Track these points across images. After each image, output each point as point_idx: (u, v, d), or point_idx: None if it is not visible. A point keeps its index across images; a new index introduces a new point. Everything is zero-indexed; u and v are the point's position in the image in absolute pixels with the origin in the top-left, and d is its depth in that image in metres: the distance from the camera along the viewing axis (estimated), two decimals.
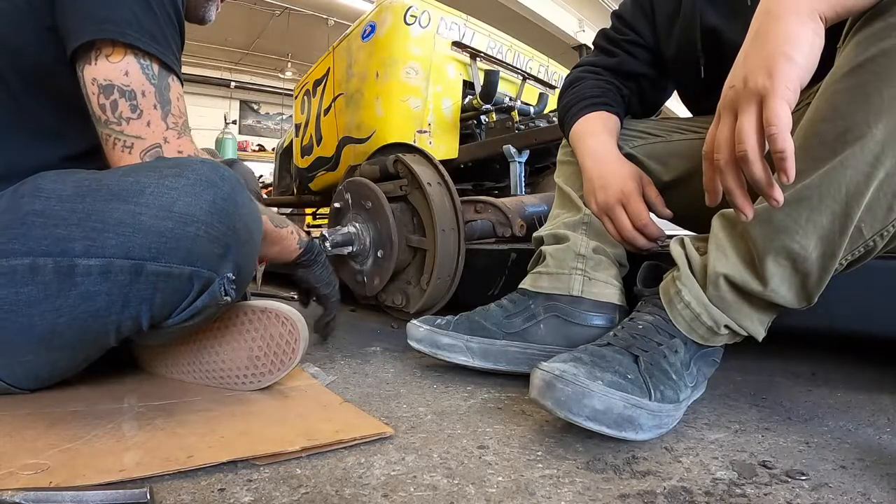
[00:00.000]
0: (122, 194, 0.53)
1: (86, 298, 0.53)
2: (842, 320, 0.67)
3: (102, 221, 0.53)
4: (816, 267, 0.52)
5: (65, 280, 0.52)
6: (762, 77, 0.43)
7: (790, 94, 0.42)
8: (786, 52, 0.43)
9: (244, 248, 0.60)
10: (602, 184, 0.73)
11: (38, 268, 0.52)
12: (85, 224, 0.53)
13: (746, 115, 0.44)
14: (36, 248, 0.52)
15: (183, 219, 0.54)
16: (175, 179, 0.55)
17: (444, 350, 0.75)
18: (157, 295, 0.55)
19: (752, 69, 0.44)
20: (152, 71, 0.60)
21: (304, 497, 0.41)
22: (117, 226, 0.52)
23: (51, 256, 0.52)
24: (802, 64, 0.43)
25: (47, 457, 0.45)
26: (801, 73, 0.43)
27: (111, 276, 0.53)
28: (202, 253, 0.55)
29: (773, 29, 0.44)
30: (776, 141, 0.42)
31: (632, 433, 0.50)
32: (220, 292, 0.58)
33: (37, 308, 0.53)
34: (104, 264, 0.52)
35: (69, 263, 0.52)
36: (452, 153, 1.77)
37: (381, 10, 1.69)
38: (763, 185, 0.45)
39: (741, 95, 0.45)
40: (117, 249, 0.52)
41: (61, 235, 0.52)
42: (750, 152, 0.44)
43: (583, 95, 0.84)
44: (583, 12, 6.19)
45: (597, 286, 0.73)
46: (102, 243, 0.52)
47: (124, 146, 0.60)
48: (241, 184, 0.60)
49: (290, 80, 8.12)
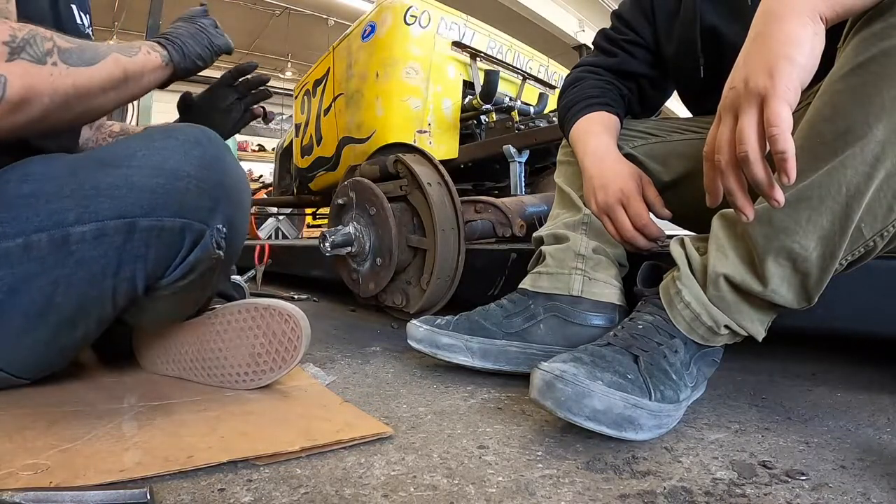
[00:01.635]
0: (114, 161, 0.55)
1: (81, 265, 0.54)
2: (842, 320, 0.67)
3: (95, 188, 0.54)
4: (816, 267, 0.52)
5: (60, 250, 0.53)
6: (763, 78, 0.43)
7: (791, 95, 0.42)
8: (787, 54, 0.43)
9: (234, 203, 0.61)
10: (602, 183, 0.73)
11: (33, 244, 0.53)
12: (77, 194, 0.53)
13: (747, 116, 0.44)
14: (27, 227, 0.53)
15: (174, 174, 0.55)
16: (165, 141, 0.56)
17: (443, 350, 0.75)
18: (151, 251, 0.56)
19: (752, 70, 0.44)
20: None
21: (304, 497, 0.41)
22: (109, 189, 0.53)
23: (45, 231, 0.53)
24: (803, 65, 0.43)
25: (47, 457, 0.45)
26: (801, 73, 0.43)
27: (106, 239, 0.54)
28: (193, 205, 0.57)
29: (773, 30, 0.45)
30: (777, 142, 0.42)
31: (632, 433, 0.50)
32: (212, 245, 0.59)
33: (34, 283, 0.54)
34: (98, 228, 0.53)
35: (63, 234, 0.53)
36: (452, 153, 1.77)
37: (381, 10, 1.69)
38: (764, 185, 0.45)
39: (742, 96, 0.45)
40: (110, 211, 0.53)
41: (54, 209, 0.53)
42: (751, 153, 0.44)
43: (583, 95, 0.84)
44: (583, 12, 6.19)
45: (597, 286, 0.73)
46: (96, 208, 0.53)
47: None
48: (229, 149, 0.62)
49: (290, 80, 8.11)
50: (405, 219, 1.13)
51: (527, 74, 1.98)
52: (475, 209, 1.23)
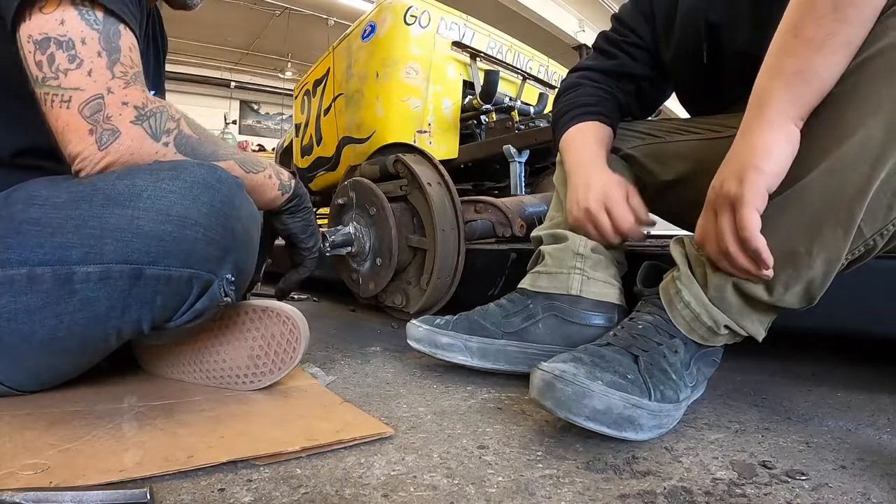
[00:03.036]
0: (119, 199, 0.53)
1: (86, 304, 0.53)
2: (842, 320, 0.67)
3: (100, 227, 0.52)
4: (821, 270, 0.51)
5: (64, 287, 0.52)
6: (735, 185, 0.50)
7: (759, 201, 0.49)
8: (756, 165, 0.49)
9: (243, 249, 0.60)
10: (584, 193, 0.74)
11: (36, 277, 0.52)
12: (82, 231, 0.52)
13: (724, 218, 0.52)
14: (32, 257, 0.52)
15: (181, 222, 0.53)
16: (172, 182, 0.54)
17: (442, 349, 0.75)
18: (157, 298, 0.55)
19: (727, 176, 0.52)
20: (94, 16, 0.54)
21: (304, 497, 0.41)
22: (115, 231, 0.52)
23: (48, 265, 0.52)
24: (771, 172, 0.49)
25: (47, 457, 0.45)
26: (769, 180, 0.49)
27: (110, 282, 0.52)
28: (201, 255, 0.55)
29: (749, 137, 0.51)
30: (748, 242, 0.50)
31: (632, 433, 0.50)
32: (220, 294, 0.58)
33: (37, 315, 0.53)
34: (103, 270, 0.52)
35: (67, 271, 0.52)
36: (452, 153, 1.77)
37: (381, 10, 1.69)
38: (750, 271, 0.52)
39: (719, 198, 0.53)
40: (116, 255, 0.52)
41: (58, 243, 0.52)
42: (731, 248, 0.52)
43: (577, 103, 0.83)
44: (583, 12, 6.20)
45: (595, 285, 0.73)
46: (101, 249, 0.52)
47: (62, 101, 0.53)
48: (238, 185, 0.60)
49: (290, 80, 8.12)
50: (405, 219, 1.13)
51: (527, 74, 1.98)
52: (475, 209, 1.23)
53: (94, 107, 0.54)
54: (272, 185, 0.71)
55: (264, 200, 0.71)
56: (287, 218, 0.77)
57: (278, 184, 0.72)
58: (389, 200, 1.10)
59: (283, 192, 0.73)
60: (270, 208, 0.74)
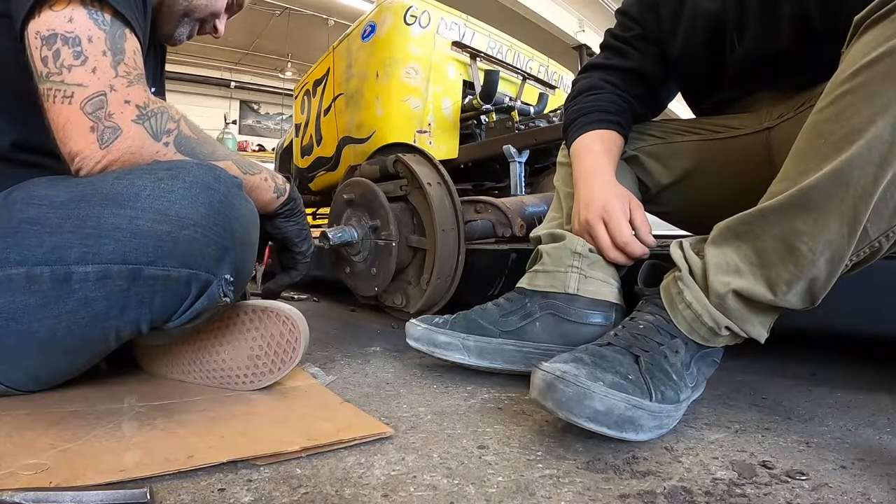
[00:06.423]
0: (118, 199, 0.52)
1: (84, 304, 0.53)
2: (842, 320, 0.67)
3: (98, 227, 0.52)
4: (824, 271, 0.51)
5: (62, 287, 0.52)
6: None
7: None
8: None
9: (241, 249, 0.60)
10: (586, 203, 0.74)
11: (35, 277, 0.51)
12: (80, 231, 0.52)
13: None
14: (31, 257, 0.51)
15: (180, 222, 0.53)
16: (171, 182, 0.54)
17: (440, 348, 0.75)
18: (156, 298, 0.55)
19: None
20: (103, 17, 0.55)
21: (304, 497, 0.41)
22: (113, 231, 0.52)
23: (47, 265, 0.51)
24: None
25: (47, 457, 0.45)
26: None
27: (109, 282, 0.52)
28: (199, 256, 0.55)
29: None
30: None
31: (632, 434, 0.50)
32: (219, 294, 0.58)
33: (35, 315, 0.53)
34: (101, 270, 0.52)
35: (66, 271, 0.52)
36: (452, 153, 1.77)
37: (381, 10, 1.69)
38: None
39: None
40: (114, 255, 0.52)
41: (56, 243, 0.52)
42: None
43: (596, 107, 0.82)
44: (583, 12, 6.19)
45: (593, 284, 0.73)
46: (99, 249, 0.52)
47: (64, 97, 0.53)
48: (237, 185, 0.59)
49: (290, 80, 8.11)
50: (405, 219, 1.13)
51: (527, 74, 1.98)
52: (475, 209, 1.23)
53: (97, 104, 0.54)
54: (268, 187, 0.72)
55: (260, 203, 0.70)
56: (281, 222, 0.77)
57: (274, 187, 0.72)
58: (389, 200, 1.10)
59: (279, 195, 0.73)
60: (266, 212, 0.73)
